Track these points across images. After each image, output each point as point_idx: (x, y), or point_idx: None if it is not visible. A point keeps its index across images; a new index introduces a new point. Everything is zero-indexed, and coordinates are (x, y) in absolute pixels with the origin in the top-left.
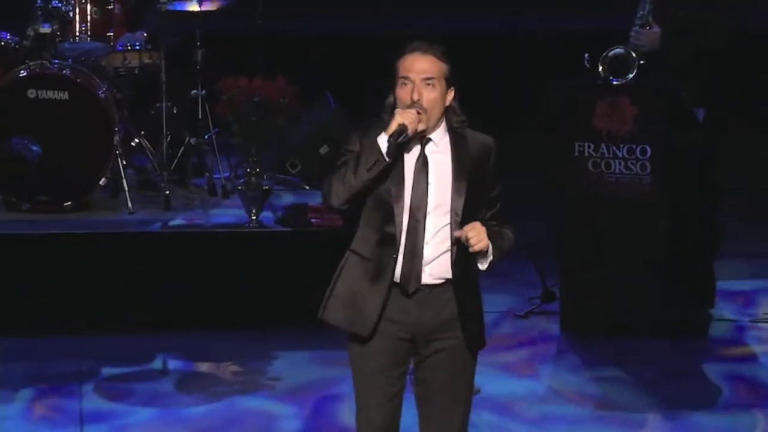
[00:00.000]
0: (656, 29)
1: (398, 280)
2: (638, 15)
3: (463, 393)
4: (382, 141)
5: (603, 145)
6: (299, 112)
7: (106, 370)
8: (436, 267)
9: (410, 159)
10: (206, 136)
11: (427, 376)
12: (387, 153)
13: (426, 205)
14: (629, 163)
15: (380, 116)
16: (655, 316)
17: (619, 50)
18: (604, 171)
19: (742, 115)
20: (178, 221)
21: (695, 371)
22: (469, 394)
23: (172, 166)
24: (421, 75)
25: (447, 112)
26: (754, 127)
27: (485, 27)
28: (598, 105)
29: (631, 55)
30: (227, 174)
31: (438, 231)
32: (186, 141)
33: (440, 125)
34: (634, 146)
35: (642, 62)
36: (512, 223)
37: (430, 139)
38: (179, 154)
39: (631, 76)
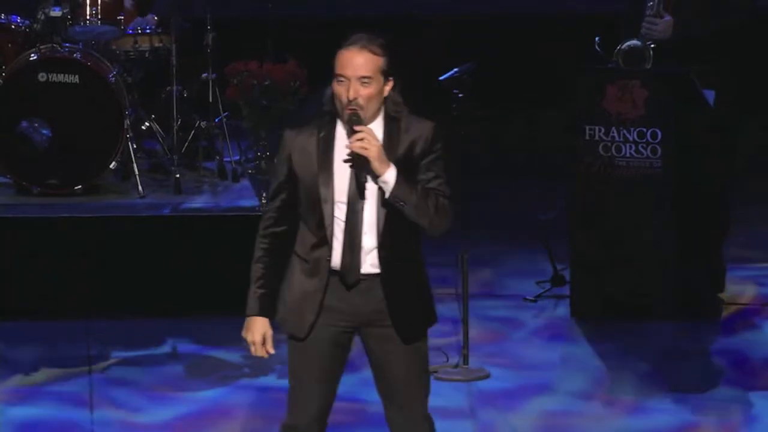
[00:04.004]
0: (668, 18)
1: (338, 269)
2: (649, 5)
3: (419, 376)
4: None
5: (613, 128)
6: (308, 96)
7: (116, 354)
8: (376, 257)
9: (339, 153)
10: (216, 120)
11: (377, 360)
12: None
13: (364, 195)
14: (640, 147)
15: (320, 112)
16: (664, 300)
17: (634, 42)
18: (615, 154)
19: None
20: (188, 205)
21: (705, 354)
22: (426, 376)
23: (183, 150)
24: (357, 74)
25: (386, 102)
26: None
27: (493, 9)
28: (608, 88)
29: (647, 47)
30: (237, 158)
31: (375, 220)
32: (196, 125)
33: (378, 116)
34: (644, 129)
35: (653, 45)
36: (450, 200)
37: None
38: (189, 138)
39: (647, 67)
